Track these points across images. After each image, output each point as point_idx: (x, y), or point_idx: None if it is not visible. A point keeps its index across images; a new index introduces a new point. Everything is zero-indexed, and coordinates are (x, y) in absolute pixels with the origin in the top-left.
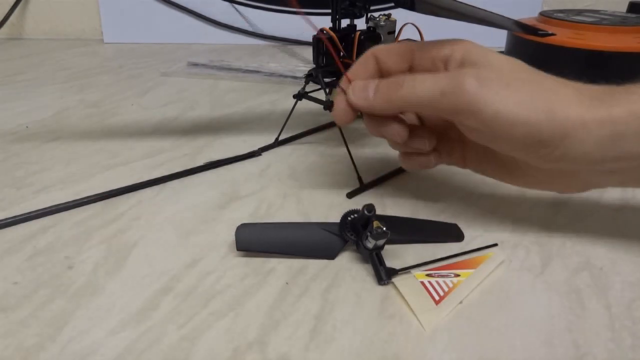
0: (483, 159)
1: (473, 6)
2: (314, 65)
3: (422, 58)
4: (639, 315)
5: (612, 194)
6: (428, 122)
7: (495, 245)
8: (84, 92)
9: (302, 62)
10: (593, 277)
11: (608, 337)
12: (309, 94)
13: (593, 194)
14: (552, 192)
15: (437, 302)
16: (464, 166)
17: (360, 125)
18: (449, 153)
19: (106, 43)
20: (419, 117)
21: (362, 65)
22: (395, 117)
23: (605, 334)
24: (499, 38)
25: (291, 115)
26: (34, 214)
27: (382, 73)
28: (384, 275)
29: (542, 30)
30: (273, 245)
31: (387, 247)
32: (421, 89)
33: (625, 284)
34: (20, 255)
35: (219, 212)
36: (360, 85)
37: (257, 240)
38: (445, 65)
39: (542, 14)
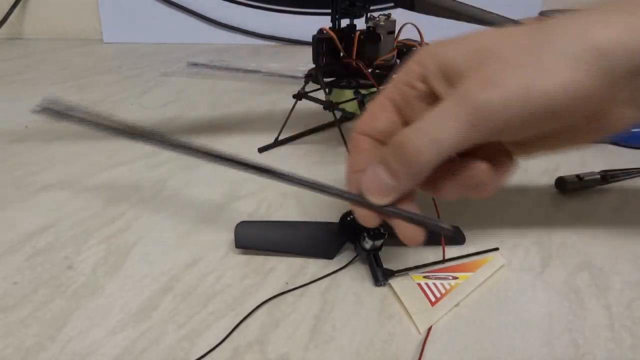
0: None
1: (473, 6)
2: (314, 65)
3: (401, 94)
4: (639, 315)
5: (612, 194)
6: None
7: (496, 249)
8: (84, 92)
9: (302, 62)
10: (593, 277)
11: (608, 337)
12: (308, 94)
13: (593, 194)
14: (552, 191)
15: (432, 304)
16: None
17: None
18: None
19: (106, 43)
20: None
21: (356, 150)
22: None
23: (605, 334)
24: None
25: (291, 115)
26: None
27: (380, 142)
28: (381, 276)
29: None
30: (272, 244)
31: (387, 248)
32: (445, 137)
33: (625, 284)
34: (20, 255)
35: (218, 211)
36: (370, 181)
37: (256, 238)
38: (426, 84)
39: (542, 13)
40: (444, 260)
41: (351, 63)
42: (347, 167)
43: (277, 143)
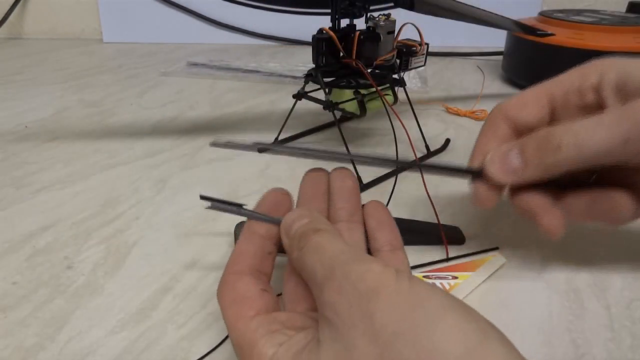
0: None
1: (472, 6)
2: (314, 65)
3: (565, 96)
4: (639, 315)
5: None
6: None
7: (496, 248)
8: (83, 92)
9: (302, 62)
10: (593, 277)
11: (607, 337)
12: (308, 94)
13: None
14: None
15: None
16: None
17: (360, 125)
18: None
19: (105, 42)
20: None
21: (491, 131)
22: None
23: (604, 334)
24: (498, 38)
25: (291, 115)
26: None
27: (517, 132)
28: None
29: (541, 31)
30: None
31: None
32: (591, 143)
33: (625, 284)
34: (20, 255)
35: (218, 211)
36: (500, 155)
37: None
38: (598, 95)
39: (541, 13)
40: (447, 259)
41: (351, 63)
42: (476, 145)
43: (277, 143)
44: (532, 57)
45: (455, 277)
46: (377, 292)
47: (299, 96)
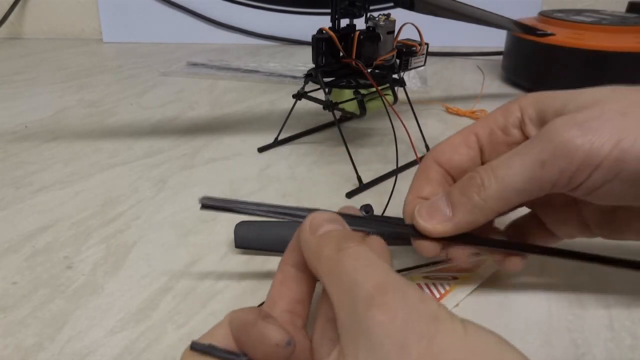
0: (613, 218)
1: (472, 6)
2: (314, 65)
3: (490, 135)
4: (639, 315)
5: None
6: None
7: None
8: (83, 92)
9: (302, 62)
10: (593, 277)
11: (607, 337)
12: (308, 94)
13: None
14: None
15: None
16: (591, 234)
17: (360, 125)
18: (563, 222)
19: (105, 42)
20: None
21: (423, 177)
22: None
23: (604, 334)
24: (498, 38)
25: (290, 115)
26: None
27: (451, 176)
28: None
29: (541, 30)
30: (271, 244)
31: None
32: (511, 174)
33: (625, 284)
34: (20, 255)
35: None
36: (427, 205)
37: (255, 238)
38: (521, 130)
39: (541, 13)
40: (447, 260)
41: (350, 63)
42: (410, 191)
43: (277, 143)
44: (532, 57)
45: (455, 278)
46: (436, 318)
47: (299, 96)
